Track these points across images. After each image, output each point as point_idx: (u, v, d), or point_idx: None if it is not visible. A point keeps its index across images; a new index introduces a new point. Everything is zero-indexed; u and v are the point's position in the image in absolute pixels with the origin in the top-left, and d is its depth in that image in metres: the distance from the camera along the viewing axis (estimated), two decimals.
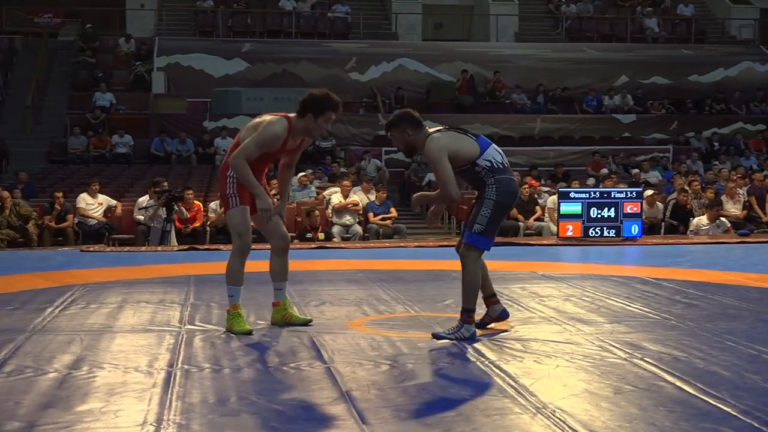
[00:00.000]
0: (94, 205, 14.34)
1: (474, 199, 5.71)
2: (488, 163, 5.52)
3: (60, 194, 14.41)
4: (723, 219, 13.85)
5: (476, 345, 5.24)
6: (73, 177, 18.29)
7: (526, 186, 15.14)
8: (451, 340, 5.36)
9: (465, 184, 5.94)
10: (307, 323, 5.97)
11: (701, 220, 13.80)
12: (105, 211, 14.40)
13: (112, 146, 20.27)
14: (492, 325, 5.86)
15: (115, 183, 17.65)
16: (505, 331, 5.73)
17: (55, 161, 20.16)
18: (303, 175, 16.38)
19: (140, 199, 14.08)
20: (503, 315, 5.87)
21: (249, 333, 5.64)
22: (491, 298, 5.87)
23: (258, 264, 6.92)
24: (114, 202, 14.62)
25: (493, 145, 5.67)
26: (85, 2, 25.92)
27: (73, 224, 14.11)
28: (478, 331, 5.59)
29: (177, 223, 13.48)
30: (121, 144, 20.30)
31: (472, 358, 4.92)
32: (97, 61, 24.15)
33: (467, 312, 5.47)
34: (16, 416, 3.80)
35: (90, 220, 14.16)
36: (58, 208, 14.13)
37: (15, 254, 11.72)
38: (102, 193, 14.74)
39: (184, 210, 13.57)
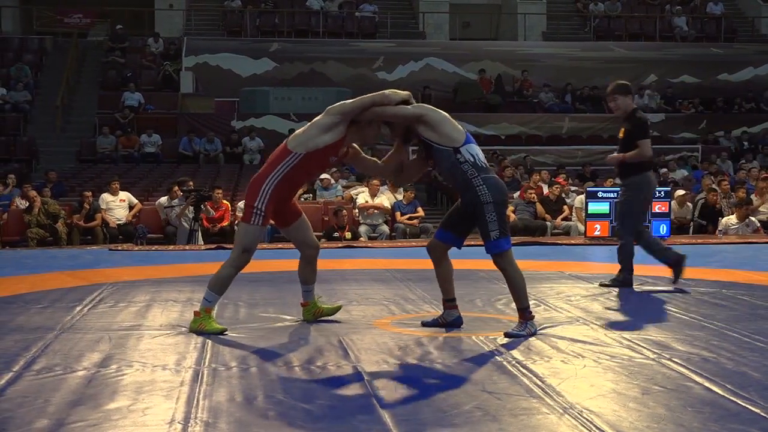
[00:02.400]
0: (116, 201, 14.44)
1: (461, 206, 5.65)
2: (471, 158, 5.45)
3: (89, 193, 14.52)
4: (752, 218, 13.73)
5: (503, 344, 5.23)
6: (101, 176, 18.41)
7: (556, 186, 15.08)
8: (525, 336, 5.42)
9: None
10: (337, 310, 6.10)
11: (730, 220, 13.69)
12: (132, 213, 14.51)
13: (141, 146, 20.41)
14: None
15: (143, 182, 17.76)
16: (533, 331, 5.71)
17: (84, 161, 20.32)
18: (325, 177, 16.42)
19: (161, 200, 14.13)
20: (458, 321, 5.86)
21: (223, 332, 5.58)
22: (449, 302, 5.90)
23: (285, 263, 6.94)
24: (135, 200, 14.71)
25: (476, 143, 5.61)
26: (115, 2, 26.12)
27: (102, 224, 14.21)
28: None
29: (204, 223, 13.55)
30: (149, 143, 20.43)
31: (499, 358, 4.90)
32: (126, 61, 24.32)
33: (526, 310, 5.55)
34: (46, 414, 3.82)
35: (116, 218, 14.27)
36: (87, 207, 14.24)
37: (44, 253, 11.81)
38: (130, 192, 14.85)
39: (210, 209, 13.63)
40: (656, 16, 28.05)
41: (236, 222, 14.07)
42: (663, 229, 12.41)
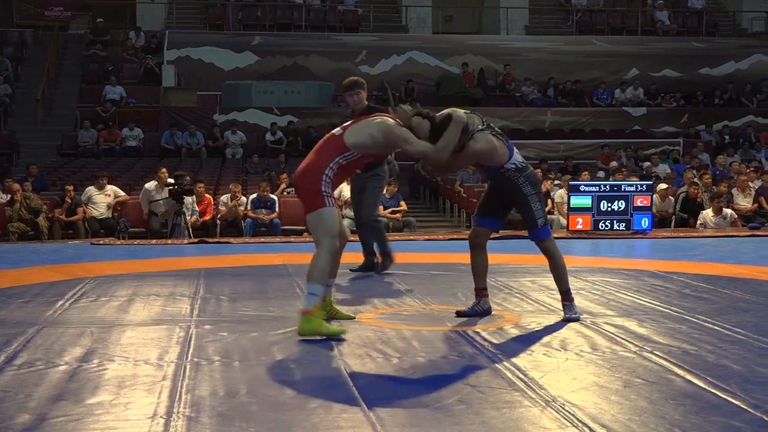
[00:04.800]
0: (101, 196, 14.38)
1: (497, 195, 5.93)
2: (514, 165, 5.77)
3: (71, 187, 14.46)
4: (728, 210, 13.81)
5: (486, 338, 5.24)
6: (83, 170, 18.35)
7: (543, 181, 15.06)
8: (578, 318, 5.80)
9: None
10: (350, 318, 5.92)
11: (708, 213, 13.78)
12: (114, 206, 14.44)
13: (123, 139, 20.33)
14: (501, 318, 5.88)
15: (125, 176, 17.69)
16: (515, 324, 5.73)
17: (65, 154, 20.23)
18: None
19: (147, 185, 13.93)
20: (489, 310, 6.05)
21: (342, 334, 5.27)
22: (483, 291, 6.06)
23: (268, 257, 6.93)
24: (122, 192, 14.65)
25: (514, 146, 5.92)
26: None
27: (84, 218, 14.15)
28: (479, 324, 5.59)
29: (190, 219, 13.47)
30: (131, 137, 20.36)
31: (482, 351, 4.92)
32: (108, 54, 24.21)
33: (568, 292, 5.90)
34: (27, 409, 3.81)
35: (98, 212, 14.21)
36: (69, 201, 14.17)
37: (26, 247, 11.75)
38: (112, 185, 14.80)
39: (192, 201, 13.55)
40: (638, 10, 28.14)
41: (218, 216, 14.06)
42: (645, 222, 12.45)
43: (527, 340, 5.24)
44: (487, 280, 6.09)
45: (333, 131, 5.63)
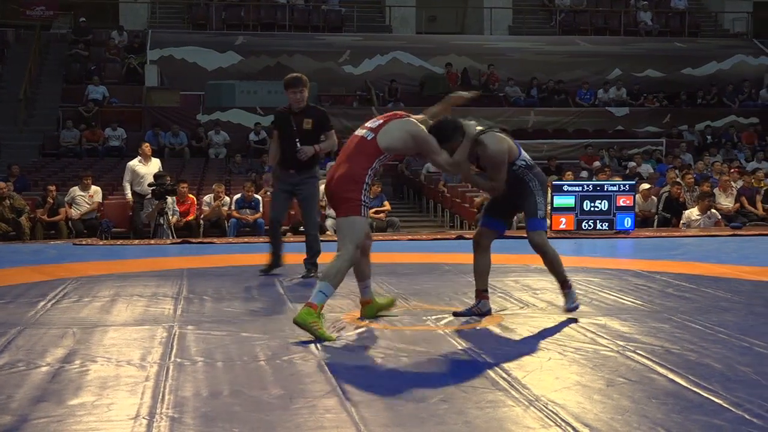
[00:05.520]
0: (85, 197, 14.32)
1: (506, 198, 5.99)
2: (524, 163, 5.92)
3: (53, 187, 14.38)
4: (713, 211, 13.87)
5: (469, 337, 5.25)
6: (65, 170, 18.26)
7: None
8: (577, 307, 6.02)
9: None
10: (393, 303, 6.13)
11: (692, 213, 13.83)
12: (98, 206, 14.39)
13: (105, 139, 20.25)
14: (484, 319, 5.88)
15: (108, 176, 17.62)
16: (498, 324, 5.74)
17: (47, 154, 20.12)
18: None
19: (131, 163, 13.80)
20: (489, 312, 6.05)
21: (332, 340, 5.20)
22: (484, 293, 6.04)
23: (251, 257, 6.91)
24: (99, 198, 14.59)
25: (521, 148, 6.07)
26: None
27: (66, 219, 14.09)
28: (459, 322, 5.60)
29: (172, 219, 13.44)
30: (113, 137, 20.27)
31: (465, 351, 4.92)
32: (90, 54, 24.09)
33: (567, 281, 6.03)
34: (9, 410, 3.79)
35: (82, 210, 14.16)
36: (51, 201, 14.10)
37: (7, 247, 11.69)
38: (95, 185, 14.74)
39: (172, 201, 13.52)
40: (621, 10, 28.21)
41: (201, 216, 14.01)
42: (627, 222, 12.50)
43: (510, 339, 5.25)
44: (488, 281, 6.13)
45: (360, 134, 5.66)
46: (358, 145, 5.60)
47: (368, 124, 5.71)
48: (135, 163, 13.67)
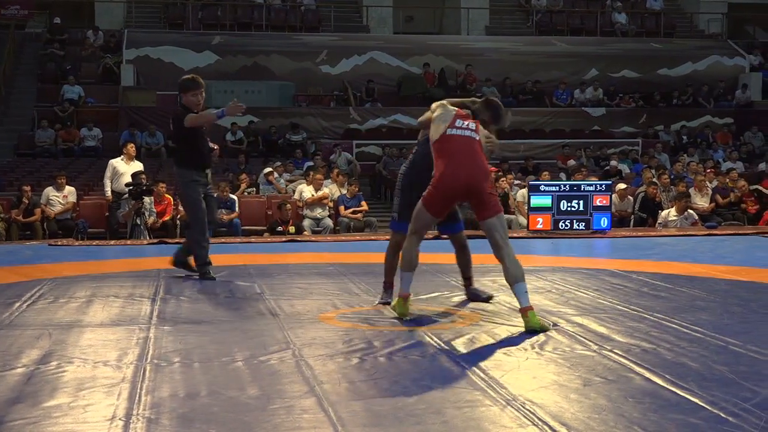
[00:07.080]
0: (59, 197, 14.24)
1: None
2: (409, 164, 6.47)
3: (28, 188, 14.29)
4: (691, 211, 13.95)
5: (447, 337, 5.26)
6: (41, 170, 18.15)
7: (503, 180, 15.09)
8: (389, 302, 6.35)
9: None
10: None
11: (669, 213, 13.90)
12: (73, 206, 14.31)
13: (81, 139, 20.14)
14: (462, 318, 5.90)
15: (83, 176, 17.52)
16: (476, 323, 5.75)
17: (22, 154, 19.99)
18: (269, 171, 16.36)
19: (113, 160, 13.80)
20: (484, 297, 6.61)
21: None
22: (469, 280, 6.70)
23: (230, 258, 6.88)
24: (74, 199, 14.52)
25: None
26: None
27: (42, 219, 14.00)
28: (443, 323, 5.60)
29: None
30: (89, 137, 20.17)
31: (443, 351, 4.93)
32: (66, 53, 23.94)
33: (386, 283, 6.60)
34: None
35: (57, 210, 14.07)
36: (26, 201, 14.00)
37: None
38: (70, 186, 14.65)
39: (150, 201, 13.47)
40: (597, 11, 28.34)
41: (178, 216, 13.93)
42: (604, 222, 12.55)
43: (487, 339, 5.26)
44: (471, 271, 6.62)
45: (467, 135, 5.78)
46: (474, 145, 5.78)
47: (462, 125, 5.82)
48: (117, 161, 13.68)
